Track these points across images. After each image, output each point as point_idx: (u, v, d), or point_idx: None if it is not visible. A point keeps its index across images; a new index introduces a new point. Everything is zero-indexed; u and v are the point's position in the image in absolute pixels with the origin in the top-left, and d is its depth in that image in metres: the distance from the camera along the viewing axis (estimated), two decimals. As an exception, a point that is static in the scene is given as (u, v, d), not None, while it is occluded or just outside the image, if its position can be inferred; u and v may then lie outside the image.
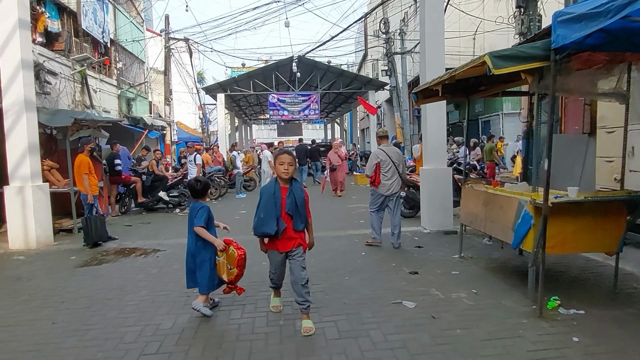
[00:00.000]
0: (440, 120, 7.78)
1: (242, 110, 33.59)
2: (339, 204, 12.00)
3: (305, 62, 22.89)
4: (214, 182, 14.20)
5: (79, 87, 14.86)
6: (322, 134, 52.72)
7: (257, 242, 3.94)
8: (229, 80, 22.87)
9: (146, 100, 23.02)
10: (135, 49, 21.36)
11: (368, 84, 23.47)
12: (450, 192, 7.80)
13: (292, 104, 23.41)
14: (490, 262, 5.61)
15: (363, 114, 39.13)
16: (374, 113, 22.06)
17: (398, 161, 6.53)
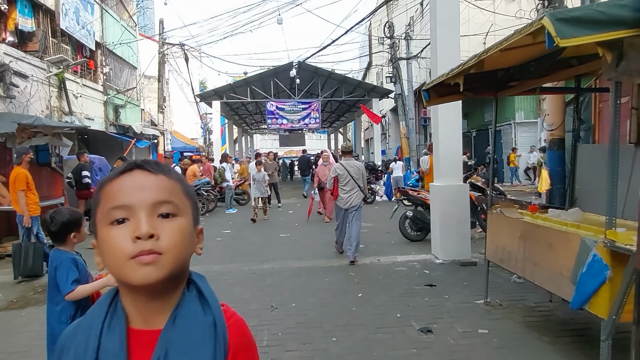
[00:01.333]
0: (455, 127, 6.45)
1: (242, 119, 32.41)
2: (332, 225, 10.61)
3: (306, 68, 21.68)
4: (201, 196, 12.90)
5: (56, 91, 13.66)
6: (325, 145, 51.52)
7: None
8: (225, 87, 21.68)
9: (138, 107, 21.87)
10: (125, 53, 20.25)
11: (372, 91, 22.21)
12: (467, 215, 6.43)
13: (292, 112, 22.16)
14: (528, 312, 4.22)
15: (367, 123, 37.83)
16: (378, 122, 20.76)
17: (357, 175, 6.59)
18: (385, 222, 9.70)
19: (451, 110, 6.36)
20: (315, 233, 9.14)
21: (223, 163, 13.99)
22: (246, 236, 8.98)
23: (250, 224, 10.61)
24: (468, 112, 21.63)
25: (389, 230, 9.02)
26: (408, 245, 7.66)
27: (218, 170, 13.68)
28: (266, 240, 8.53)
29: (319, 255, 7.03)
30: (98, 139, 19.00)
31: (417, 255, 6.77)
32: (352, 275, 5.78)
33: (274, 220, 11.34)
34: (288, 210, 13.20)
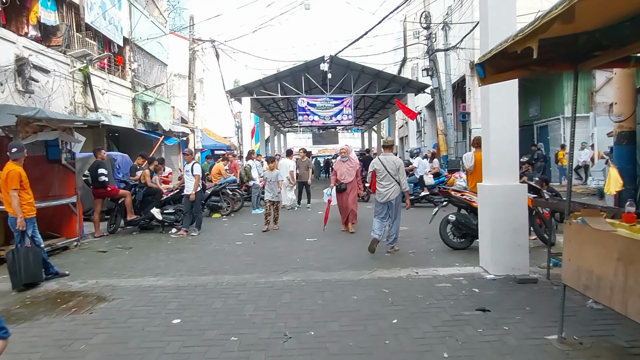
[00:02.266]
0: (510, 115, 5.39)
1: (274, 116, 31.84)
2: (364, 229, 9.68)
3: (338, 63, 20.74)
4: (226, 195, 12.25)
5: (81, 87, 13.34)
6: (359, 143, 50.41)
7: None
8: (255, 83, 21.05)
9: (167, 105, 21.56)
10: (155, 49, 19.95)
11: (407, 86, 21.07)
12: (525, 221, 5.37)
13: (323, 109, 21.31)
14: (620, 355, 3.18)
15: (402, 121, 36.60)
16: (413, 118, 19.62)
17: (393, 170, 6.71)
18: (423, 226, 8.70)
19: (505, 95, 5.31)
20: (345, 238, 8.25)
21: (249, 160, 13.28)
22: (269, 240, 8.19)
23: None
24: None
25: (427, 235, 8.03)
26: (450, 254, 6.65)
27: (244, 168, 12.98)
28: (290, 245, 7.70)
29: (347, 265, 6.14)
30: (128, 136, 18.77)
31: (462, 268, 5.76)
32: (386, 292, 4.85)
33: (301, 221, 10.52)
34: (317, 211, 12.34)
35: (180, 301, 4.75)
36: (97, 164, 9.11)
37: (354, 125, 42.00)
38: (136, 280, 5.64)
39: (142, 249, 7.76)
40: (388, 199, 6.73)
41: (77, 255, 7.37)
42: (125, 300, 4.83)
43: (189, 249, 7.62)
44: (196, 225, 9.17)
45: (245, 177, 12.88)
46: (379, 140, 39.25)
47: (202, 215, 9.27)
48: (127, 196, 9.40)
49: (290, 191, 13.39)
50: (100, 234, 9.19)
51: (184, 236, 8.85)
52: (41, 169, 7.92)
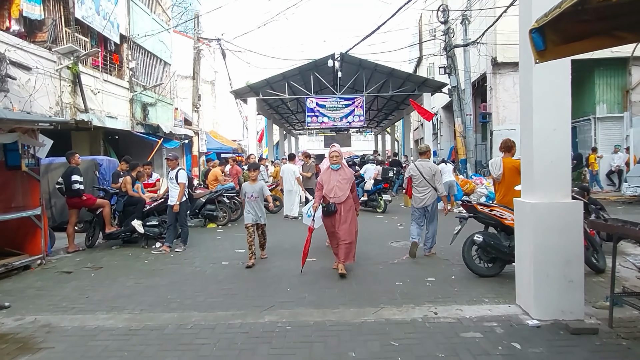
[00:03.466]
0: (562, 111, 4.14)
1: (284, 118, 30.75)
2: (368, 244, 8.50)
3: (349, 61, 19.57)
4: (222, 204, 11.15)
5: (69, 86, 12.40)
6: (372, 146, 49.08)
7: None
8: (261, 82, 19.99)
9: (170, 106, 20.63)
10: (157, 48, 19.04)
11: (423, 85, 19.77)
12: (580, 250, 4.11)
13: (334, 110, 20.14)
14: None
15: (417, 122, 35.20)
16: (429, 119, 18.31)
17: (429, 176, 6.79)
18: (443, 245, 7.45)
19: (554, 83, 4.07)
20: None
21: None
22: (259, 260, 7.02)
23: (271, 241, 8.68)
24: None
25: (448, 256, 6.78)
26: (477, 283, 5.40)
27: (243, 173, 11.86)
28: (283, 267, 6.53)
29: (349, 298, 4.94)
30: (128, 139, 17.86)
31: (494, 307, 4.52)
32: (395, 346, 3.64)
33: (304, 235, 9.34)
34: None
35: (122, 356, 3.61)
36: (71, 170, 8.07)
37: (366, 128, 40.76)
38: (83, 318, 4.52)
39: (112, 270, 6.66)
40: (425, 204, 6.87)
41: (34, 278, 6.31)
42: (54, 353, 3.71)
43: (166, 271, 6.50)
44: (181, 239, 8.07)
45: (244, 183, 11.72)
46: (392, 143, 37.89)
47: (188, 229, 8.15)
48: (105, 206, 8.34)
49: (296, 198, 12.23)
50: (75, 249, 8.14)
51: (167, 252, 7.75)
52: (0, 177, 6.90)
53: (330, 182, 6.10)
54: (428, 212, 6.91)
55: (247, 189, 6.95)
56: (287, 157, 13.10)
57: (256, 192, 6.90)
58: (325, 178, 6.21)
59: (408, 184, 7.07)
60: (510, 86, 16.61)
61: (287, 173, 12.15)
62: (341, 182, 6.08)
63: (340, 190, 6.04)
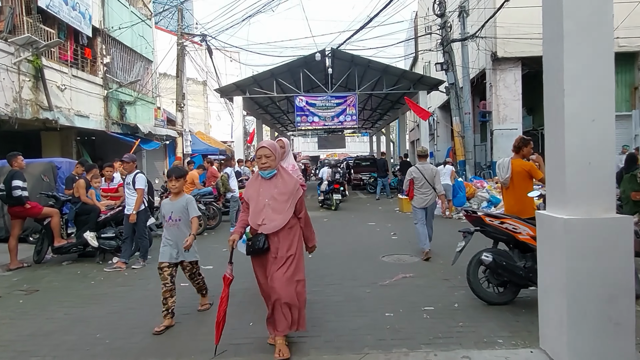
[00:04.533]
0: (605, 93, 3.09)
1: (274, 118, 29.66)
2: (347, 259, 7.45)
3: (340, 57, 18.53)
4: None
5: (30, 81, 11.28)
6: (367, 147, 48.09)
7: None
8: (247, 80, 18.89)
9: (151, 105, 19.51)
10: (137, 44, 17.93)
11: (419, 82, 18.72)
12: (630, 282, 3.06)
13: (324, 109, 19.07)
14: None
15: (413, 123, 34.24)
16: (425, 118, 17.29)
17: (431, 177, 7.03)
18: (442, 260, 6.42)
19: (595, 58, 3.03)
20: (335, 282, 5.98)
21: (227, 168, 11.05)
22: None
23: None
24: (534, 107, 17.69)
25: (448, 275, 5.72)
26: (486, 314, 4.34)
27: (221, 177, 10.79)
28: (251, 291, 5.45)
29: (323, 340, 3.87)
30: (106, 140, 16.74)
31: (511, 352, 3.46)
32: None
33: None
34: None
35: None
36: (12, 174, 6.96)
37: (361, 129, 39.73)
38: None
39: (47, 295, 5.56)
40: (427, 203, 7.07)
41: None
42: None
43: (110, 296, 5.41)
44: (140, 254, 6.97)
45: (222, 187, 10.66)
46: (387, 144, 36.89)
47: (148, 241, 7.05)
48: (53, 216, 7.23)
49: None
50: (17, 266, 7.02)
51: (122, 270, 6.66)
52: None
53: (258, 200, 3.67)
54: (429, 211, 7.12)
55: (165, 208, 4.50)
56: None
57: (177, 211, 4.42)
58: (251, 192, 3.77)
59: (410, 187, 7.17)
60: (512, 83, 15.62)
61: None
62: (277, 198, 3.65)
63: (274, 211, 3.62)
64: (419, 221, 7.06)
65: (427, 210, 7.09)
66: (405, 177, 7.42)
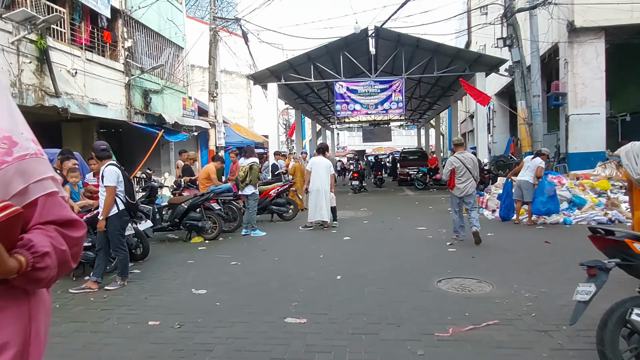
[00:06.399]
0: None
1: (315, 109, 27.89)
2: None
3: (385, 37, 16.49)
4: (211, 211, 8.47)
5: (34, 64, 10.09)
6: (415, 141, 45.35)
7: None
8: (282, 65, 17.23)
9: (183, 94, 18.25)
10: (164, 28, 16.68)
11: (476, 63, 16.33)
12: None
13: (367, 95, 17.07)
14: None
15: (465, 114, 31.48)
16: (485, 103, 14.92)
17: (471, 166, 7.11)
18: (531, 293, 4.39)
19: None
20: (349, 310, 4.10)
21: (251, 158, 9.32)
22: (216, 314, 4.22)
23: (261, 264, 5.86)
24: (614, 90, 14.80)
25: (546, 322, 3.68)
26: None
27: (242, 169, 9.12)
28: (248, 331, 3.69)
29: None
30: (132, 132, 15.64)
31: None
32: None
33: (309, 257, 6.49)
34: (343, 235, 8.25)
35: None
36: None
37: (408, 120, 37.21)
38: None
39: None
40: (466, 192, 7.11)
41: None
42: None
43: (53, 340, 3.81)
44: (118, 271, 5.37)
45: (248, 178, 8.95)
46: (437, 137, 34.18)
47: (126, 255, 5.41)
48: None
49: (324, 200, 9.30)
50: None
51: (92, 291, 5.09)
52: None
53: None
54: (469, 198, 7.11)
55: None
56: (317, 149, 10.19)
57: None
58: None
59: (451, 176, 7.16)
60: (593, 58, 12.97)
61: (319, 168, 9.30)
62: None
63: None
64: (455, 210, 7.27)
65: (466, 198, 7.12)
66: (445, 167, 7.42)
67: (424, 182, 18.66)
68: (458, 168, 7.07)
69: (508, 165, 13.40)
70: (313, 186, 9.22)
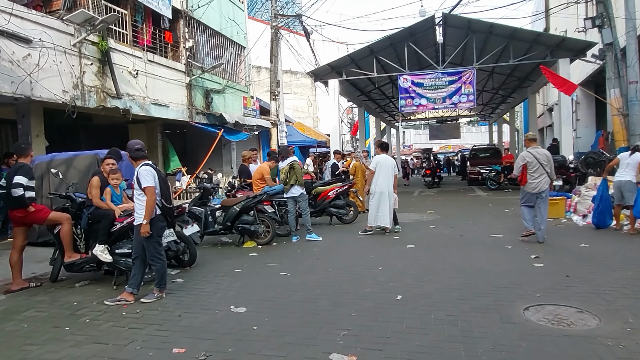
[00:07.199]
0: None
1: (379, 106, 26.90)
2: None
3: (454, 24, 15.27)
4: (264, 214, 7.96)
5: (95, 66, 10.18)
6: (486, 138, 42.68)
7: None
8: (343, 59, 16.51)
9: (245, 93, 18.10)
10: (226, 27, 16.60)
11: (558, 48, 14.62)
12: None
13: (434, 89, 15.90)
14: None
15: (543, 107, 28.86)
16: (570, 92, 13.24)
17: (545, 162, 6.87)
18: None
19: None
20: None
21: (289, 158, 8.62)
22: (253, 337, 3.60)
23: (312, 276, 5.21)
24: None
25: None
26: None
27: (282, 170, 8.52)
28: (292, 356, 3.04)
29: None
30: (195, 132, 15.70)
31: None
32: None
33: (367, 268, 5.74)
34: (406, 242, 7.38)
35: None
36: (16, 169, 5.44)
37: (479, 115, 34.99)
38: None
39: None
40: (540, 189, 6.89)
41: None
42: None
43: (64, 363, 3.39)
44: (156, 282, 4.94)
45: (285, 185, 8.34)
46: (512, 134, 31.74)
47: (162, 263, 4.96)
48: (63, 222, 5.57)
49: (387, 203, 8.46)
50: (21, 286, 5.50)
51: (128, 303, 4.70)
52: None
53: None
54: (541, 197, 6.92)
55: None
56: (380, 146, 9.28)
57: None
58: None
59: (523, 171, 6.98)
60: None
61: (384, 168, 8.47)
62: None
63: None
64: (525, 204, 7.03)
65: (539, 196, 6.91)
66: (517, 161, 7.23)
67: (497, 182, 17.10)
68: (531, 163, 6.89)
69: (599, 162, 11.71)
70: (377, 187, 8.39)
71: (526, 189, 7.00)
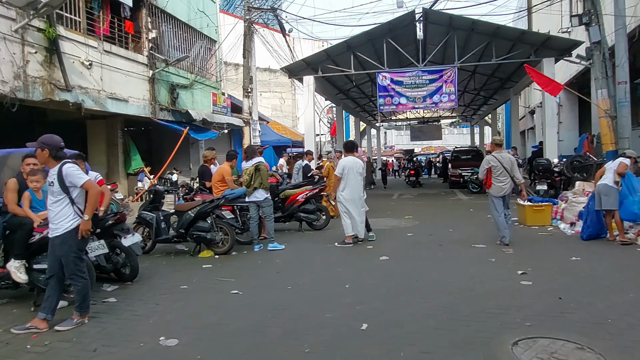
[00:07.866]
0: None
1: (359, 105, 26.19)
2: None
3: (435, 20, 14.66)
4: (222, 220, 7.13)
5: (41, 55, 9.20)
6: (468, 140, 42.47)
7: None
8: (318, 55, 15.76)
9: (215, 90, 17.21)
10: (194, 19, 15.70)
11: (543, 47, 14.11)
12: None
13: (414, 87, 15.26)
14: None
15: (524, 109, 28.61)
16: (556, 93, 12.67)
17: (509, 166, 7.05)
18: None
19: None
20: None
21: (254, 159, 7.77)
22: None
23: (268, 295, 4.42)
24: None
25: None
26: None
27: (245, 171, 7.67)
28: None
29: None
30: (162, 130, 14.75)
31: None
32: None
33: (331, 286, 4.97)
34: (380, 253, 6.63)
35: None
36: None
37: (458, 116, 34.69)
38: None
39: None
40: (505, 192, 7.07)
41: None
42: None
43: None
44: (76, 305, 4.08)
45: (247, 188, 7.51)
46: (493, 135, 31.45)
47: (86, 282, 4.10)
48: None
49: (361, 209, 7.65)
50: None
51: (38, 333, 3.84)
52: None
53: None
54: (506, 199, 7.12)
55: None
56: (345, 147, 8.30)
57: None
58: None
59: (488, 175, 7.12)
60: (696, 34, 10.53)
61: (352, 173, 7.61)
62: None
63: None
64: (499, 211, 7.06)
65: (505, 199, 7.10)
66: (482, 165, 7.37)
67: (479, 185, 16.57)
68: (495, 167, 7.06)
69: (586, 166, 11.20)
70: (345, 195, 7.57)
71: (492, 193, 7.12)
